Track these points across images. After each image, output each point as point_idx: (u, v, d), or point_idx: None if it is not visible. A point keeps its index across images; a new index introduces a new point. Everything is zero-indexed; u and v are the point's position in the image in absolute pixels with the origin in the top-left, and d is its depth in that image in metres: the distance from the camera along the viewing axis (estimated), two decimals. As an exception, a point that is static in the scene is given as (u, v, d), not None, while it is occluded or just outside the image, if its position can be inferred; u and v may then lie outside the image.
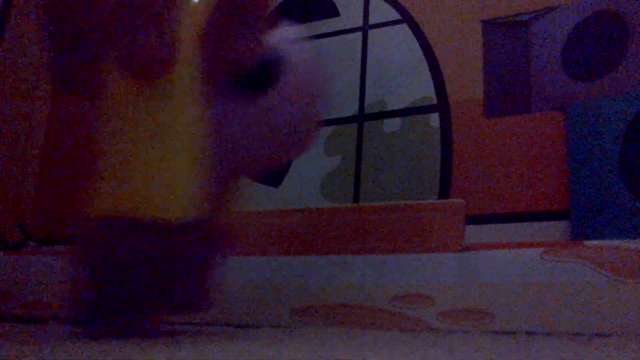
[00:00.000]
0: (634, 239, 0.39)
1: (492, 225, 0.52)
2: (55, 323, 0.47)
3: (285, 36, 0.35)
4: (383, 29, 0.61)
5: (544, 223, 0.50)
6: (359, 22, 0.63)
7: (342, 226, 0.46)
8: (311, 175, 0.60)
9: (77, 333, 0.33)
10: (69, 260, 0.32)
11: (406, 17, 0.60)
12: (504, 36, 0.56)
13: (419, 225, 0.44)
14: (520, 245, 0.41)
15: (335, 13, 0.64)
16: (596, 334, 0.36)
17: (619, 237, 0.45)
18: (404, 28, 0.60)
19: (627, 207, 0.46)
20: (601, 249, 0.38)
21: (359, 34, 0.62)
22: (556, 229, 0.49)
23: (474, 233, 0.52)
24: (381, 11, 0.62)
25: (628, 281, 0.37)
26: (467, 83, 0.56)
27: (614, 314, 0.37)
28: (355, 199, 0.57)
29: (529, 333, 0.37)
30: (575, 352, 0.25)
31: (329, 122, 0.61)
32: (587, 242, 0.39)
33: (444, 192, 0.54)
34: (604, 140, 0.48)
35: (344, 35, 0.63)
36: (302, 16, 0.65)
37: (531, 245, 0.41)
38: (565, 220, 0.49)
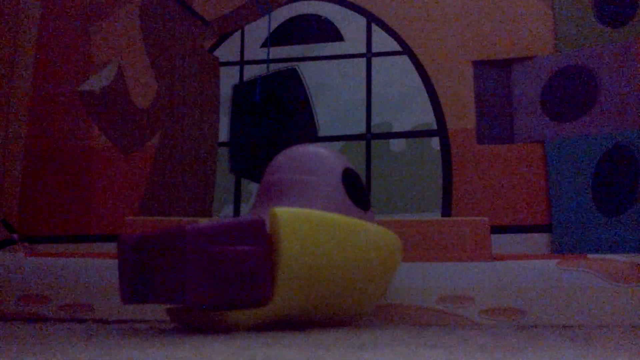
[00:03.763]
0: (614, 252, 0.52)
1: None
2: (57, 323, 0.49)
3: None
4: (385, 58, 0.70)
5: (528, 235, 0.62)
6: (363, 49, 0.71)
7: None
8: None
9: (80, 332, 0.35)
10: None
11: (406, 50, 0.69)
12: (491, 75, 0.67)
13: (454, 238, 0.53)
14: (538, 256, 0.52)
15: (340, 38, 0.71)
16: (597, 325, 0.48)
17: (592, 248, 0.58)
18: (405, 59, 0.69)
19: (597, 224, 0.59)
20: (601, 261, 0.50)
21: (363, 60, 0.70)
22: (538, 240, 0.62)
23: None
24: (383, 41, 0.70)
25: (622, 285, 0.49)
26: (462, 114, 0.66)
27: (611, 309, 0.49)
28: (367, 209, 0.65)
29: (554, 326, 0.48)
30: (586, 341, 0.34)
31: (338, 138, 0.68)
32: (590, 255, 0.51)
33: (447, 205, 0.64)
34: (579, 172, 0.61)
35: (349, 60, 0.70)
36: (304, 37, 0.72)
37: (547, 256, 0.52)
38: (546, 232, 0.62)
